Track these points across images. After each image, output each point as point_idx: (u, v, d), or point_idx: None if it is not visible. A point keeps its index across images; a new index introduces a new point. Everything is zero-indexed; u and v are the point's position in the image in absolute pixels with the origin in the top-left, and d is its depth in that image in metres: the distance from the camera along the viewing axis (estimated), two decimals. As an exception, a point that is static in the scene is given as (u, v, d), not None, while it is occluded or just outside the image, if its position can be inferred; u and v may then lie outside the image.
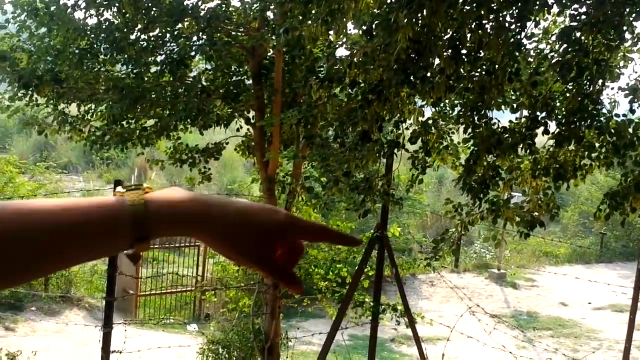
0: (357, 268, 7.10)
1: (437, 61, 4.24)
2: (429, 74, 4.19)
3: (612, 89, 5.16)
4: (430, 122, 5.34)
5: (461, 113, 5.08)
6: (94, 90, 6.37)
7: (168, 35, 6.38)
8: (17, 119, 7.00)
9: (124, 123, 6.58)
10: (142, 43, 6.33)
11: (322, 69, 5.33)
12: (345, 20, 4.08)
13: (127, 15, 6.11)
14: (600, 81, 4.65)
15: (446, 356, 7.15)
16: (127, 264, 12.38)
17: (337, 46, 4.80)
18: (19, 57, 6.04)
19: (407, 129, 5.24)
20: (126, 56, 6.29)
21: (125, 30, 6.18)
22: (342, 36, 4.40)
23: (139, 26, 6.21)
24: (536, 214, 5.09)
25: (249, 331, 6.91)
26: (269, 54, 6.52)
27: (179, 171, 13.26)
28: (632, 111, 5.00)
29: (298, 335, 8.32)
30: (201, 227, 0.87)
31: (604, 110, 4.95)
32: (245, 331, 7.03)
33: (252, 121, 6.73)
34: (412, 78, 4.20)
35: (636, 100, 4.96)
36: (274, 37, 5.69)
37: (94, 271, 13.10)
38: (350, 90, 5.01)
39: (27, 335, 10.67)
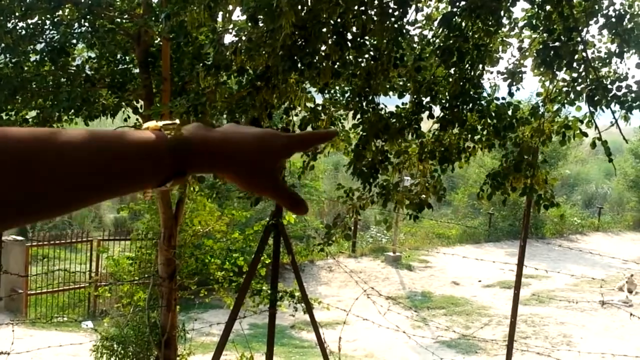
0: (253, 256, 7.09)
1: (322, 47, 4.27)
2: (315, 60, 4.22)
3: (492, 73, 5.36)
4: (320, 108, 5.38)
5: (350, 99, 5.15)
6: (-31, 80, 6.03)
7: (47, 22, 6.11)
8: None
9: (3, 115, 6.26)
10: (20, 30, 6.03)
11: (209, 56, 5.27)
12: (228, 5, 4.04)
13: (3, 2, 5.81)
14: (481, 65, 4.84)
15: (344, 339, 7.28)
16: (14, 261, 11.90)
17: (223, 32, 4.75)
18: None
19: (297, 115, 5.27)
20: (3, 44, 5.99)
21: (1, 17, 5.87)
22: (227, 22, 4.36)
23: (16, 13, 5.92)
24: (424, 196, 5.24)
25: (145, 325, 6.78)
26: (156, 41, 6.37)
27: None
28: (511, 94, 5.23)
29: (196, 326, 8.24)
30: (233, 162, 0.89)
31: (485, 94, 5.15)
32: (140, 325, 6.89)
33: (140, 110, 6.57)
34: (298, 64, 4.22)
35: (514, 84, 5.19)
36: (157, 23, 5.56)
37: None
38: (239, 77, 4.98)
39: None
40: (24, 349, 7.25)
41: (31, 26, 6.10)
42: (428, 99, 4.95)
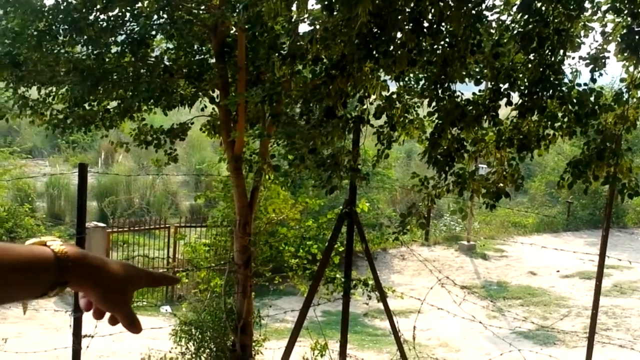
0: (326, 244, 7.12)
1: (398, 35, 4.22)
2: (390, 48, 4.18)
3: (573, 58, 5.17)
4: (395, 96, 5.33)
5: (425, 86, 5.08)
6: (54, 72, 6.23)
7: (127, 14, 6.26)
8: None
9: (86, 105, 6.46)
10: (101, 23, 6.20)
11: (284, 46, 5.29)
12: (304, -5, 4.04)
13: (85, -5, 5.98)
14: (561, 51, 4.68)
15: (418, 328, 7.24)
16: (96, 247, 12.32)
17: (298, 22, 4.75)
18: (-25, 41, 5.89)
19: (372, 103, 5.23)
20: (85, 37, 6.17)
21: (84, 10, 6.04)
22: (303, 11, 4.36)
23: (98, 6, 6.08)
24: (501, 184, 5.13)
25: (221, 311, 6.90)
26: (232, 32, 6.44)
27: (146, 153, 13.14)
28: (593, 80, 5.05)
29: (271, 312, 8.34)
30: (105, 278, 1.05)
31: (566, 80, 4.99)
32: (217, 311, 7.02)
33: (217, 100, 6.67)
34: (374, 52, 4.18)
35: (597, 69, 5.00)
36: (234, 14, 5.61)
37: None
38: (313, 67, 4.98)
39: (-5, 323, 10.55)
40: (106, 332, 7.50)
41: (112, 18, 6.26)
42: (506, 85, 4.83)
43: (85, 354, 5.72)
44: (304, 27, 4.87)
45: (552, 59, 4.63)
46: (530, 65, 4.73)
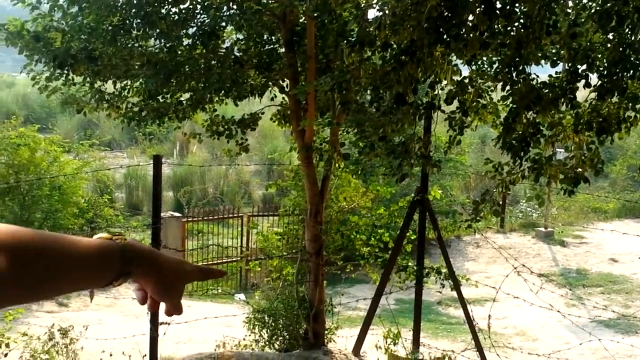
0: (398, 232, 7.06)
1: (470, 17, 4.11)
2: (461, 31, 4.08)
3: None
4: (467, 80, 5.21)
5: (498, 69, 4.94)
6: (129, 66, 6.37)
7: (198, 6, 6.33)
8: (57, 99, 7.04)
9: (160, 98, 6.58)
10: (172, 16, 6.29)
11: (353, 33, 5.24)
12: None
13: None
14: (643, 29, 4.47)
15: (493, 317, 7.10)
16: (172, 236, 12.60)
17: (366, 8, 4.69)
18: (52, 37, 6.05)
19: (443, 89, 5.13)
20: (158, 30, 6.27)
21: (156, 4, 6.14)
22: (371, -3, 4.31)
23: (169, -1, 6.18)
24: (580, 169, 4.95)
25: (293, 299, 6.94)
26: (301, 20, 6.43)
27: (219, 143, 13.31)
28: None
29: (343, 300, 8.34)
30: (161, 270, 1.12)
31: (647, 60, 4.76)
32: (289, 299, 7.06)
33: (287, 89, 6.68)
34: (444, 36, 4.09)
35: (681, 48, 4.76)
36: (302, 3, 5.60)
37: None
38: (382, 53, 4.91)
39: (79, 309, 10.92)
40: (182, 319, 7.66)
41: (183, 11, 6.34)
42: (584, 66, 4.64)
43: (162, 340, 5.85)
44: (372, 13, 4.81)
45: (633, 38, 4.42)
46: (609, 45, 4.55)
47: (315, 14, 5.73)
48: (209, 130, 6.94)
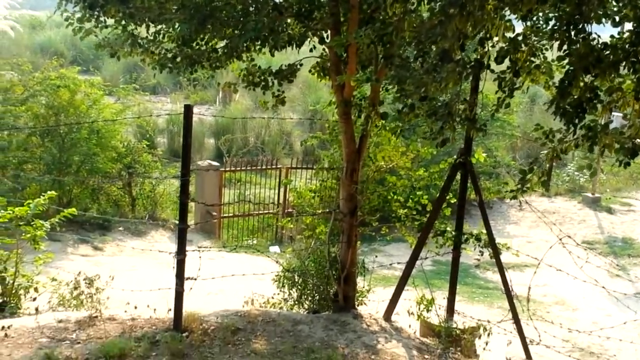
0: (438, 195, 6.74)
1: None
2: (517, -16, 3.68)
3: None
4: (520, 38, 4.79)
5: (556, 27, 4.52)
6: (163, 9, 6.09)
7: (238, -52, 5.99)
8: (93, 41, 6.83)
9: (193, 44, 6.31)
10: (210, -42, 5.97)
11: (397, -19, 4.84)
12: None
13: None
14: None
15: (533, 283, 6.79)
16: (209, 185, 12.47)
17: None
18: (84, -24, 5.82)
19: (493, 46, 4.73)
20: (194, -27, 5.97)
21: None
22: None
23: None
24: (638, 140, 4.54)
25: (325, 259, 6.72)
26: (345, -34, 6.04)
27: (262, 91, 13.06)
28: None
29: (378, 259, 8.09)
30: None
31: None
32: (321, 259, 6.85)
33: (327, 41, 6.33)
34: (498, -12, 3.70)
35: None
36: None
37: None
38: (429, 4, 4.53)
39: (114, 254, 10.95)
40: (216, 269, 7.53)
41: (221, -47, 6.01)
42: (651, 27, 4.21)
43: (192, 291, 5.71)
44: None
45: None
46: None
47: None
48: (244, 80, 6.66)
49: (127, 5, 5.92)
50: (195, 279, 5.76)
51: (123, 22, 6.33)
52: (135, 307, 6.30)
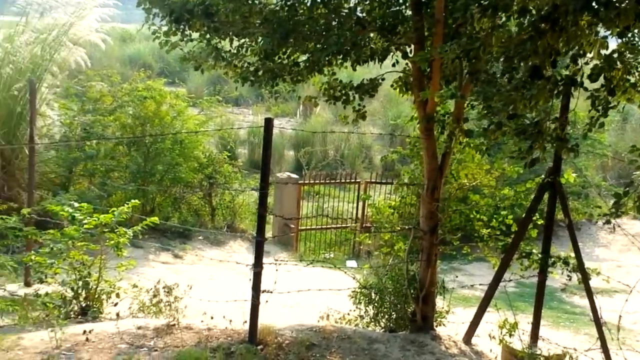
0: (524, 216, 6.50)
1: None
2: (615, -2, 3.50)
3: None
4: (616, 55, 4.56)
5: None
6: (247, 23, 6.13)
7: (322, -37, 5.97)
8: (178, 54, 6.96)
9: (275, 58, 6.33)
10: (295, -28, 5.98)
11: (486, -5, 4.69)
12: None
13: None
14: None
15: (623, 310, 6.44)
16: (287, 197, 12.50)
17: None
18: (171, -10, 5.92)
19: (587, 63, 4.51)
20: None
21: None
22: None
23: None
24: None
25: (403, 277, 6.58)
26: (431, -20, 5.92)
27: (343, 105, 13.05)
28: None
29: (460, 278, 7.88)
30: None
31: None
32: (399, 277, 6.71)
33: (410, 55, 6.22)
34: (592, 3, 3.52)
35: None
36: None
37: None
38: (519, 19, 4.36)
39: (193, 263, 11.10)
40: (292, 282, 7.51)
41: (306, -33, 6.02)
42: None
43: (267, 304, 5.69)
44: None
45: None
46: None
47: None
48: (325, 94, 6.62)
49: (212, 19, 5.99)
50: (271, 292, 5.74)
51: (207, 36, 6.41)
52: (212, 317, 6.34)
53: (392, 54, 6.45)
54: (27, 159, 8.99)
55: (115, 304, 6.60)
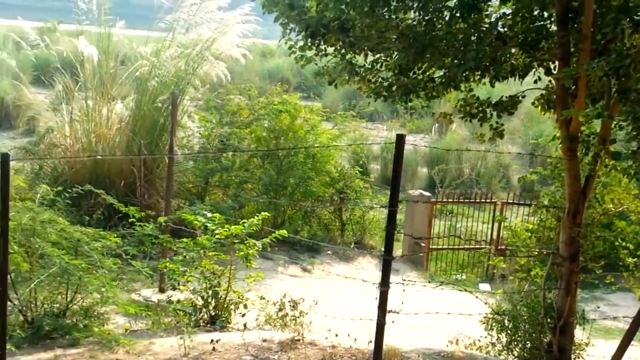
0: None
1: None
2: None
3: None
4: None
5: None
6: (382, 38, 6.06)
7: (460, -24, 5.79)
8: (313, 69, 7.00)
9: (410, 73, 6.20)
10: (433, -14, 5.84)
11: (638, 10, 4.36)
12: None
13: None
14: None
15: None
16: (418, 215, 12.28)
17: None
18: (308, 5, 5.94)
19: None
20: (417, 2, 5.88)
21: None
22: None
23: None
24: None
25: (539, 305, 6.23)
26: (579, -6, 5.59)
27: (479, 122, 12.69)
28: None
29: (602, 308, 7.38)
30: None
31: None
32: (535, 304, 6.37)
33: (554, 72, 5.90)
34: None
35: None
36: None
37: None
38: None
39: (321, 277, 11.13)
40: (420, 302, 7.30)
41: (444, -19, 5.86)
42: None
43: (394, 324, 5.55)
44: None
45: None
46: None
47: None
48: (461, 111, 6.41)
49: (348, 34, 5.96)
50: (398, 313, 5.60)
51: (342, 51, 6.39)
52: (336, 335, 6.28)
53: (534, 70, 6.15)
54: (167, 168, 9.36)
55: (243, 315, 6.70)
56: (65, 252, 6.00)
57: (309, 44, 6.18)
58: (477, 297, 6.66)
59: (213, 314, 6.76)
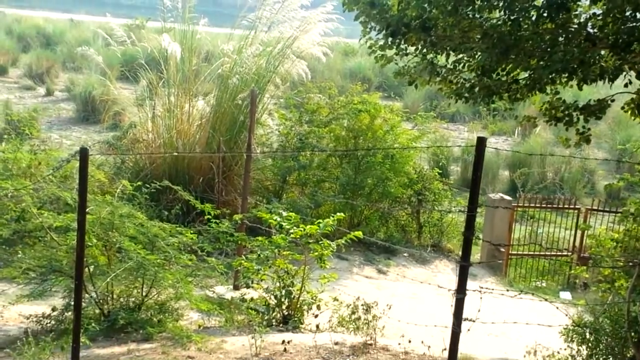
0: None
1: None
2: None
3: None
4: None
5: None
6: (465, 38, 5.91)
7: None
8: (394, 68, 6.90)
9: (493, 75, 6.02)
10: (520, -15, 5.64)
11: None
12: None
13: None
14: None
15: None
16: (498, 219, 11.97)
17: None
18: (390, 3, 5.85)
19: None
20: (503, 1, 5.70)
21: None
22: None
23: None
24: None
25: (623, 318, 5.94)
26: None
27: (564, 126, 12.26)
28: None
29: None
30: None
31: None
32: (618, 317, 6.07)
33: (646, 75, 5.63)
34: None
35: None
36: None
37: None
38: None
39: (396, 280, 10.98)
40: (498, 310, 7.10)
41: (532, -20, 5.65)
42: None
43: (472, 330, 5.40)
44: None
45: None
46: None
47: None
48: (546, 114, 6.19)
49: (429, 33, 5.85)
50: (474, 321, 5.44)
51: (424, 50, 6.28)
52: (410, 341, 6.16)
53: (624, 73, 5.87)
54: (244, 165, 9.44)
55: (316, 316, 6.66)
56: (142, 246, 6.11)
57: (390, 43, 6.11)
58: (557, 307, 6.41)
59: (286, 313, 6.75)
